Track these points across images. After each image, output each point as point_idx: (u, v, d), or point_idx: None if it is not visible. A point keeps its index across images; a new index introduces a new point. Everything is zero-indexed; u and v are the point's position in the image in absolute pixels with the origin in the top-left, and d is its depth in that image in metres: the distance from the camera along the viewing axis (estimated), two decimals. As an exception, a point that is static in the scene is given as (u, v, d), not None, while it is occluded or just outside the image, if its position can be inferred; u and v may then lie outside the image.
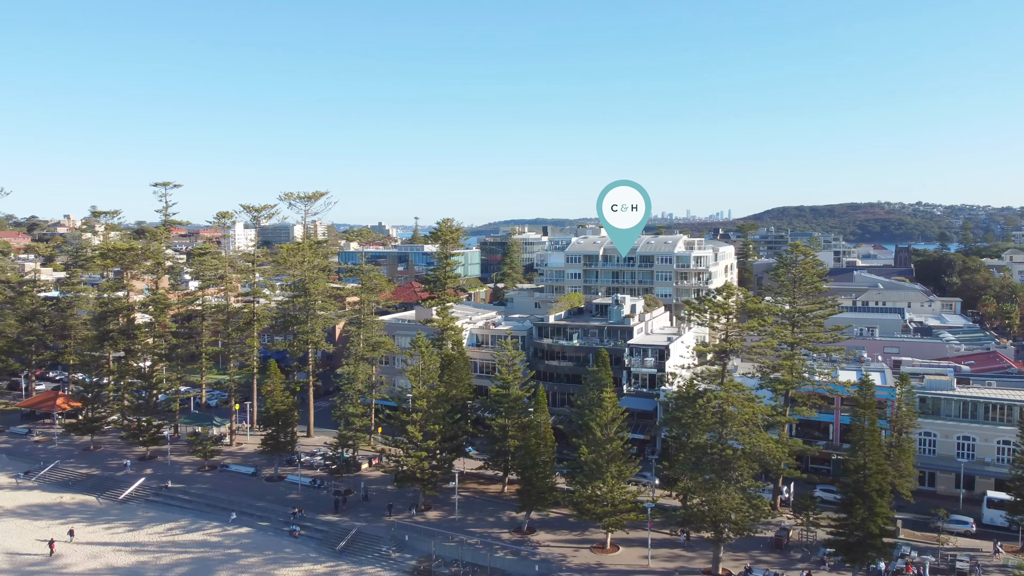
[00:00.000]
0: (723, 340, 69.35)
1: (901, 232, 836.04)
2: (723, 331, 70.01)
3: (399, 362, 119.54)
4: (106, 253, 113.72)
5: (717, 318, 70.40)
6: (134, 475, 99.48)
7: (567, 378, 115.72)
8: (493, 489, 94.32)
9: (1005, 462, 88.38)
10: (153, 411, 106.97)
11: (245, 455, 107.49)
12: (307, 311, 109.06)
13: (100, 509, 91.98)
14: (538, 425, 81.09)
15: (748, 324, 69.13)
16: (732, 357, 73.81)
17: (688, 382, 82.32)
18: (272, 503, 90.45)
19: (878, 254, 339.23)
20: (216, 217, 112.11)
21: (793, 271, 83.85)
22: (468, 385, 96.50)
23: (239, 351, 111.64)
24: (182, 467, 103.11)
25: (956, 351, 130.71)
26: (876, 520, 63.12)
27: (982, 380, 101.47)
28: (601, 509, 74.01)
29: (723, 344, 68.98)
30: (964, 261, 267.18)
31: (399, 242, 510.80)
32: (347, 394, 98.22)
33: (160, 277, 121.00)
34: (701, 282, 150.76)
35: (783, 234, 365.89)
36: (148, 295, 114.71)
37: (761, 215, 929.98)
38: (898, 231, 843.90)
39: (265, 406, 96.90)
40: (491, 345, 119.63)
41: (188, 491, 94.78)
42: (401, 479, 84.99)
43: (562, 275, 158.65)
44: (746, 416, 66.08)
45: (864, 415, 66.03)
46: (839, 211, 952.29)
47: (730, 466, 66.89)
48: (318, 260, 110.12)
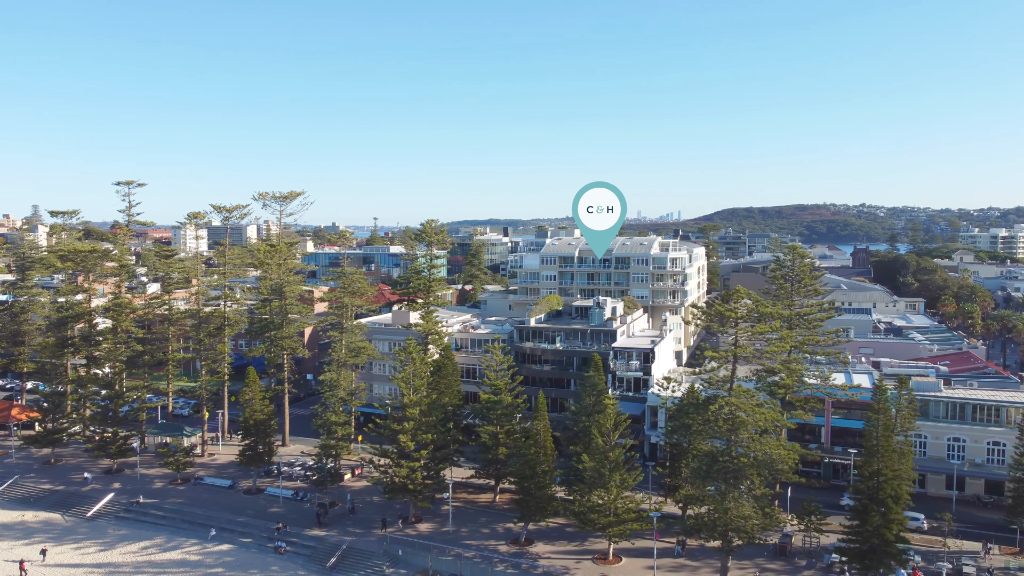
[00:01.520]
0: (733, 345, 67.76)
1: (847, 233, 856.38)
2: (732, 335, 68.43)
3: (376, 367, 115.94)
4: (67, 255, 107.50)
5: (725, 323, 68.79)
6: (101, 490, 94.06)
7: (550, 382, 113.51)
8: (484, 498, 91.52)
9: (996, 463, 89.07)
10: (119, 421, 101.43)
11: (219, 467, 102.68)
12: (283, 315, 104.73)
13: (67, 527, 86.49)
14: (537, 433, 78.54)
15: (760, 328, 67.60)
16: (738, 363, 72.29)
17: (691, 387, 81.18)
18: (253, 518, 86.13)
19: (834, 255, 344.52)
20: (187, 218, 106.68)
21: (790, 273, 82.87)
22: (457, 391, 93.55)
23: (211, 357, 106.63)
24: (152, 481, 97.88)
25: (929, 351, 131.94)
26: (892, 527, 62.16)
27: (963, 381, 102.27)
28: (605, 519, 71.85)
29: (733, 350, 67.38)
30: (918, 262, 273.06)
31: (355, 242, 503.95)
32: (329, 402, 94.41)
33: (124, 280, 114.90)
34: (677, 284, 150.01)
35: (741, 235, 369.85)
36: (110, 299, 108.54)
37: (712, 216, 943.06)
38: (844, 232, 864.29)
39: (243, 415, 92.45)
40: (471, 349, 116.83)
41: (162, 506, 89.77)
42: (392, 490, 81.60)
43: (537, 277, 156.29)
44: (759, 423, 64.58)
45: (878, 419, 64.99)
46: (787, 212, 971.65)
47: (741, 474, 65.32)
48: (294, 262, 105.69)
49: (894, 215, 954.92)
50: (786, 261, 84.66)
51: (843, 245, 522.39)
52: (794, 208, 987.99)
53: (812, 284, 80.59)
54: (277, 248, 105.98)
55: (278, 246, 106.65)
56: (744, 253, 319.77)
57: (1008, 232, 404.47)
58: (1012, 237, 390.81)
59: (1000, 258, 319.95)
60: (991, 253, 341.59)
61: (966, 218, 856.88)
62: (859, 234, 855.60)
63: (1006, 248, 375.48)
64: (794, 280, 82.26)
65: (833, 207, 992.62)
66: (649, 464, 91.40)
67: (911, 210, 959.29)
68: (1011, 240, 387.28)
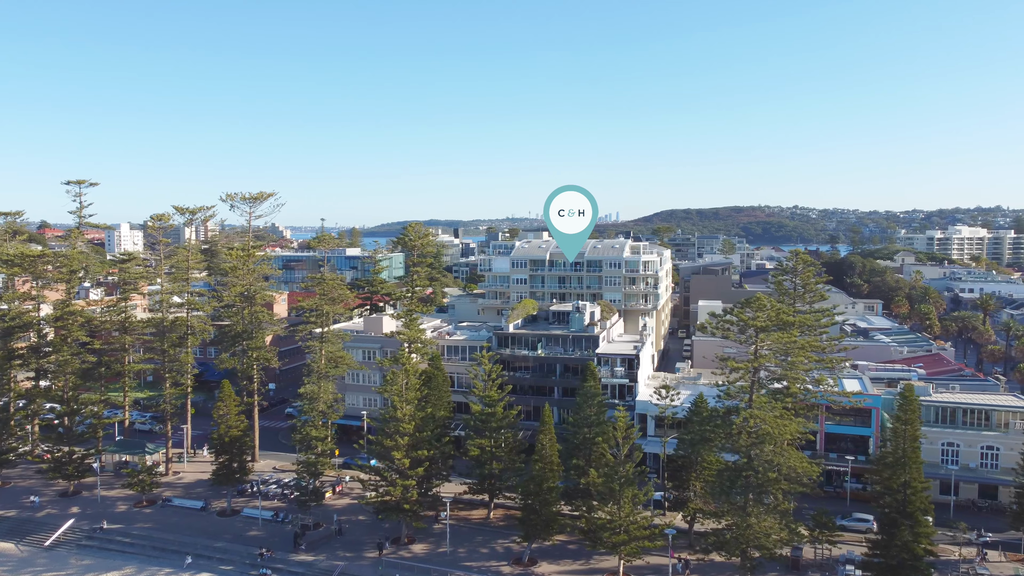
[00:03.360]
0: (755, 356, 65.33)
1: (781, 234, 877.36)
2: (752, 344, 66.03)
3: (350, 377, 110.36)
4: (13, 260, 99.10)
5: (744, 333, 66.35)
6: (59, 515, 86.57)
7: (532, 390, 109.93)
8: (477, 515, 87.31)
9: (989, 467, 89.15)
10: (76, 439, 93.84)
11: (186, 486, 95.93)
12: (256, 323, 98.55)
13: (23, 559, 79.06)
14: (542, 447, 74.79)
15: (783, 337, 65.26)
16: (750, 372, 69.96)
17: (699, 397, 78.66)
18: (232, 542, 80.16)
19: (779, 256, 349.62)
20: (151, 219, 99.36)
21: (795, 279, 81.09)
22: (448, 403, 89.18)
23: (175, 368, 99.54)
24: (115, 503, 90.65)
25: (900, 354, 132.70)
26: (921, 541, 60.50)
27: (945, 384, 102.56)
28: (617, 538, 68.52)
29: (755, 361, 64.93)
30: (864, 263, 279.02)
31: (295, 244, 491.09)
32: (308, 415, 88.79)
33: (74, 286, 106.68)
34: (649, 287, 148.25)
35: (689, 237, 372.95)
36: (60, 306, 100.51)
37: (651, 218, 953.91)
38: (779, 233, 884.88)
39: (218, 431, 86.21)
40: (448, 357, 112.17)
41: (128, 532, 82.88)
42: (386, 510, 76.76)
43: (507, 280, 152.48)
44: (786, 435, 62.28)
45: (906, 430, 63.20)
46: (724, 214, 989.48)
47: (765, 489, 62.95)
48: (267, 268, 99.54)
49: (826, 217, 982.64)
50: (789, 266, 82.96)
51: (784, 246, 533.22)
52: (730, 210, 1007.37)
53: (817, 290, 78.95)
54: (250, 253, 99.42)
55: (252, 252, 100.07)
56: (693, 255, 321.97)
57: (943, 234, 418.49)
58: (947, 239, 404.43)
59: (938, 259, 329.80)
60: (929, 254, 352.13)
61: (893, 220, 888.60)
62: (793, 235, 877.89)
63: (942, 249, 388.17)
64: (799, 285, 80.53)
65: (768, 209, 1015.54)
66: (651, 476, 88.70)
67: (841, 212, 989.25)
68: (946, 242, 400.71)
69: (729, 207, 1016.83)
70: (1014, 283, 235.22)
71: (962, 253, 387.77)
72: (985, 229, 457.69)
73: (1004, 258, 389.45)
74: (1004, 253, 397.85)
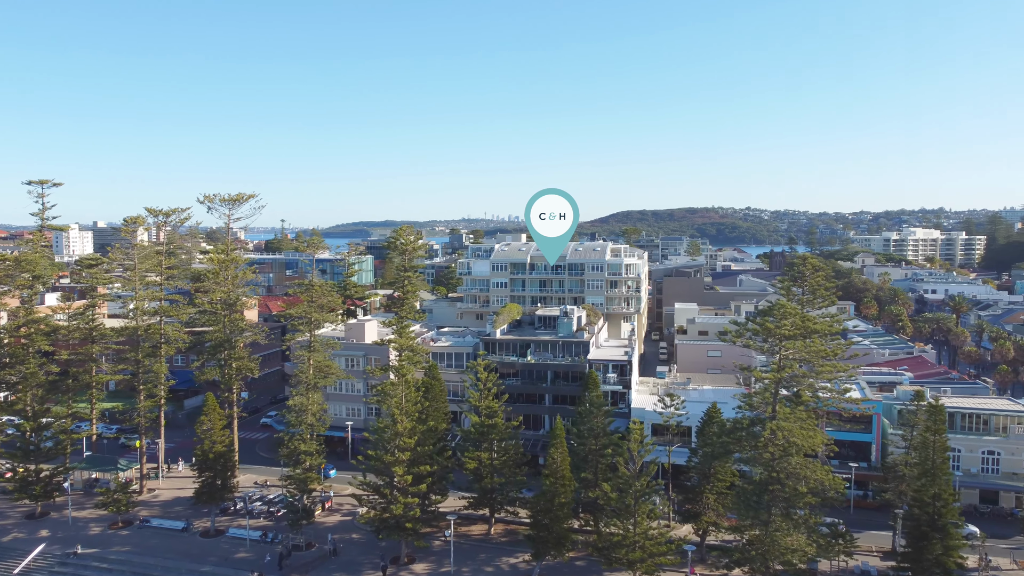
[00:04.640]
0: (779, 366, 63.16)
1: (735, 235, 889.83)
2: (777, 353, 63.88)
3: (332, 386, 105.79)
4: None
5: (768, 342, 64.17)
6: (27, 540, 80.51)
7: (522, 398, 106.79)
8: (476, 531, 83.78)
9: (990, 472, 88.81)
10: (43, 456, 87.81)
11: (164, 505, 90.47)
12: (238, 331, 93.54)
13: (-9, 589, 73.33)
14: (554, 461, 71.64)
15: (810, 345, 63.15)
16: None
17: (712, 407, 76.46)
18: (219, 566, 75.28)
19: (744, 259, 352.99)
20: (124, 221, 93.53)
21: (805, 285, 79.21)
22: (446, 415, 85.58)
23: (148, 380, 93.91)
24: (87, 525, 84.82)
25: (883, 356, 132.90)
26: (953, 555, 59.00)
27: (937, 388, 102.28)
28: (634, 555, 65.74)
29: (780, 372, 62.76)
30: (828, 265, 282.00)
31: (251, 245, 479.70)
32: (296, 428, 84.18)
33: (36, 292, 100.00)
34: (631, 290, 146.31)
35: (654, 238, 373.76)
36: (24, 313, 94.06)
37: (607, 219, 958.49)
38: (732, 234, 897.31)
39: (202, 446, 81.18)
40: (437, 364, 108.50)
41: (105, 557, 77.32)
42: (386, 529, 72.86)
43: (487, 284, 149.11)
44: (816, 448, 60.26)
45: (935, 440, 61.66)
46: (678, 215, 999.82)
47: (793, 503, 60.86)
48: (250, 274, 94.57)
49: (777, 218, 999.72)
50: (798, 271, 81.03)
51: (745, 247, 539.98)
52: (685, 211, 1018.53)
53: (828, 296, 77.31)
54: (233, 258, 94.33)
55: (234, 256, 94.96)
56: (658, 256, 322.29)
57: (899, 235, 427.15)
58: (902, 240, 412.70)
59: (896, 260, 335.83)
60: (886, 255, 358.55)
61: (842, 221, 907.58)
62: (746, 236, 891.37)
63: (897, 250, 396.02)
64: (807, 290, 78.70)
65: (721, 210, 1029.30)
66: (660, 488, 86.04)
67: (792, 213, 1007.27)
68: (901, 243, 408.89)
69: (684, 208, 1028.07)
70: (975, 284, 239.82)
71: (917, 254, 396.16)
72: (937, 231, 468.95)
73: (956, 259, 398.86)
74: (956, 254, 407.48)
